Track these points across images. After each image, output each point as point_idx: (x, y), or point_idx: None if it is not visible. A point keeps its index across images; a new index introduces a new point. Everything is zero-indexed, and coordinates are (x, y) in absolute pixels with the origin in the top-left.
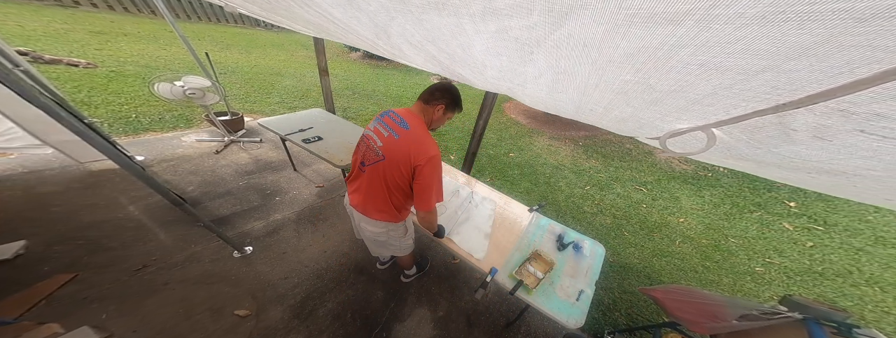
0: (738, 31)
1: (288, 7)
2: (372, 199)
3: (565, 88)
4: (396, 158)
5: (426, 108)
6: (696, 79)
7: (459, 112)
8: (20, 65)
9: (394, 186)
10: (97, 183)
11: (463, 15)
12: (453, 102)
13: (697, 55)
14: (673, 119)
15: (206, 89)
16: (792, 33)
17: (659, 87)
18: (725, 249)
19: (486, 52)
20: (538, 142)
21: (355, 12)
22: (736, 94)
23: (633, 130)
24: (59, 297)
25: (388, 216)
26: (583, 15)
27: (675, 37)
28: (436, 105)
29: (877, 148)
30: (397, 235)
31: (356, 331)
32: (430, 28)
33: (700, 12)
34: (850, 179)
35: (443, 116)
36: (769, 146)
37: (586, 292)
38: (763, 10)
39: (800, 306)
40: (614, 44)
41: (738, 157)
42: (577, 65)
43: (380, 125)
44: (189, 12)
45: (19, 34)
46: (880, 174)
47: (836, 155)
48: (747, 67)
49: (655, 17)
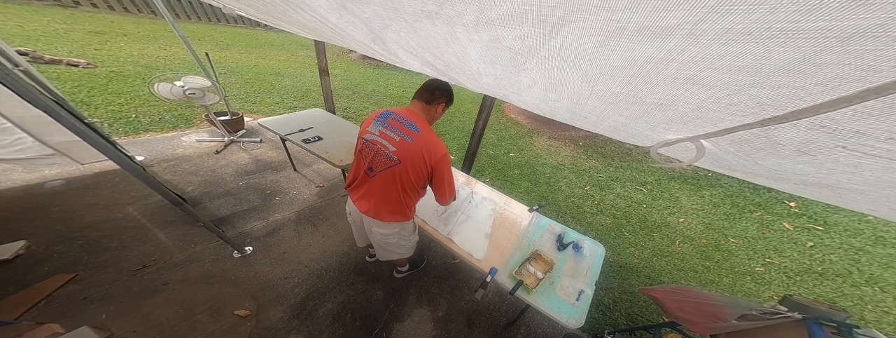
0: (725, 47)
1: (284, 11)
2: (385, 203)
3: (559, 97)
4: (414, 161)
5: (428, 108)
6: (684, 93)
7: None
8: (20, 65)
9: (409, 188)
10: (97, 183)
11: (456, 24)
12: (451, 98)
13: (685, 69)
14: (663, 129)
15: (206, 89)
16: (777, 50)
17: (648, 99)
18: (725, 249)
19: (480, 61)
20: (538, 142)
21: (350, 18)
22: (723, 107)
23: (627, 137)
24: (59, 297)
25: (401, 216)
26: (574, 27)
27: (664, 51)
28: (437, 104)
29: (858, 164)
30: (407, 233)
31: (356, 331)
32: (424, 36)
33: (688, 27)
34: (835, 191)
35: (442, 112)
36: (756, 159)
37: (586, 292)
38: (749, 27)
39: (800, 306)
40: (605, 56)
41: (727, 167)
42: (570, 76)
43: (386, 129)
44: (189, 12)
45: (19, 34)
46: (863, 188)
47: (820, 169)
48: (734, 82)
49: (644, 32)
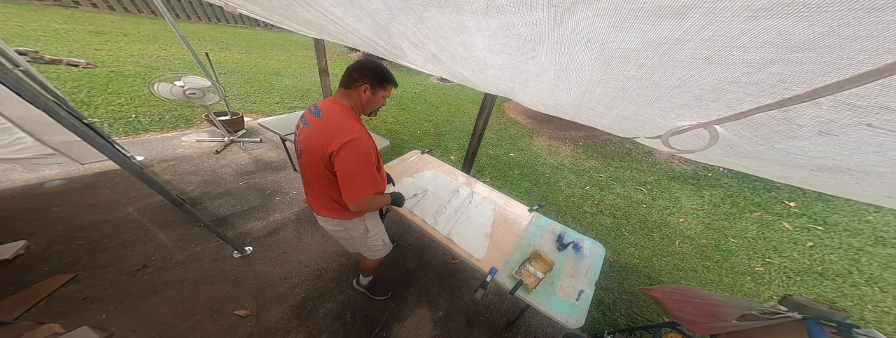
0: (744, 24)
1: (288, 6)
2: (314, 196)
3: (567, 86)
4: (312, 149)
5: (349, 92)
6: (700, 73)
7: (395, 87)
8: (20, 65)
9: (324, 180)
10: (97, 183)
11: (465, 12)
12: (377, 77)
13: (702, 49)
14: (675, 116)
15: (206, 89)
16: (800, 25)
17: (662, 82)
18: (725, 249)
19: (487, 50)
20: (538, 142)
21: (357, 11)
22: (741, 88)
23: (635, 129)
24: (59, 297)
25: (337, 213)
26: (587, 10)
27: (680, 31)
28: (358, 87)
29: (882, 142)
30: (358, 233)
31: (356, 331)
32: (431, 26)
33: (706, 5)
34: (854, 175)
35: (373, 96)
36: (772, 142)
37: (586, 292)
38: (770, 3)
39: (799, 306)
40: (618, 39)
41: (740, 155)
42: (580, 61)
43: (301, 120)
44: (189, 12)
45: (19, 34)
46: (885, 170)
47: (842, 150)
48: (753, 60)
49: (660, 11)
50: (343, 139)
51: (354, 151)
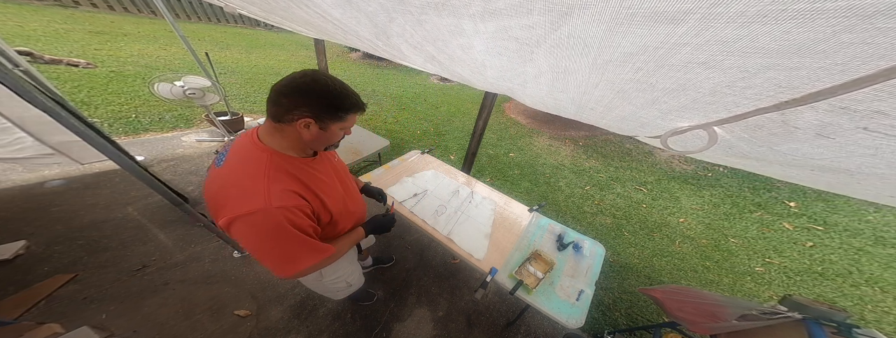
0: (740, 30)
1: (287, 7)
2: None
3: (566, 88)
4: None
5: (280, 127)
6: (697, 77)
7: (360, 113)
8: (20, 65)
9: None
10: (97, 183)
11: (462, 15)
12: (324, 106)
13: (698, 54)
14: (674, 117)
15: (206, 89)
16: (794, 31)
17: (660, 85)
18: (725, 249)
19: (485, 53)
20: (538, 142)
21: (354, 13)
22: (738, 92)
23: (634, 128)
24: (59, 297)
25: None
26: (583, 14)
27: (677, 35)
28: (294, 121)
29: (879, 146)
30: (308, 280)
31: (356, 331)
32: (429, 29)
33: (701, 11)
34: (854, 176)
35: (321, 132)
36: (771, 144)
37: (586, 292)
38: (765, 9)
39: (799, 306)
40: (615, 43)
41: (739, 155)
42: (578, 64)
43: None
44: (189, 12)
45: (19, 34)
46: (884, 171)
47: (839, 153)
48: (749, 65)
49: (657, 16)
50: (233, 213)
51: (255, 227)
